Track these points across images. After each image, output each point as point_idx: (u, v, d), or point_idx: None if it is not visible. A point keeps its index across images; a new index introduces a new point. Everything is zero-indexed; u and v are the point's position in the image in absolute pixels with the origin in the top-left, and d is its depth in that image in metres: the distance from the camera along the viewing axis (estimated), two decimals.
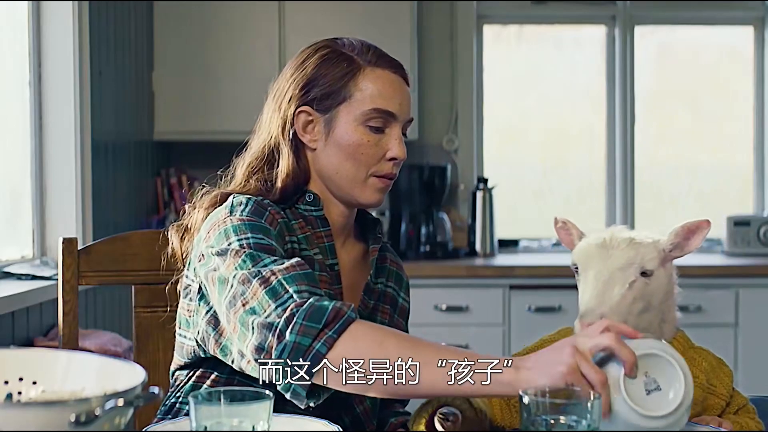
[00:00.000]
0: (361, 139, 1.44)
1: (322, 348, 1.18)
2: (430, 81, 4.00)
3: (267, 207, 1.40)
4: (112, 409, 0.84)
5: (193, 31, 3.65)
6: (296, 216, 1.47)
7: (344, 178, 1.46)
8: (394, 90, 1.46)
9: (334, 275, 1.46)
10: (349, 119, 1.44)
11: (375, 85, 1.45)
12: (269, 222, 1.38)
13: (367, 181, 1.46)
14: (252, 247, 1.32)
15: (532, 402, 1.05)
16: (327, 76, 1.45)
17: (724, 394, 1.37)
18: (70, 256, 1.69)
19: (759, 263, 3.58)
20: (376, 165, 1.45)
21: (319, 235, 1.47)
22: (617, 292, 1.28)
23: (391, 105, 1.44)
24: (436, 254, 3.76)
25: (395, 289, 1.58)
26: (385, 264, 1.58)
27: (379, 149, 1.45)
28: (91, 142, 2.91)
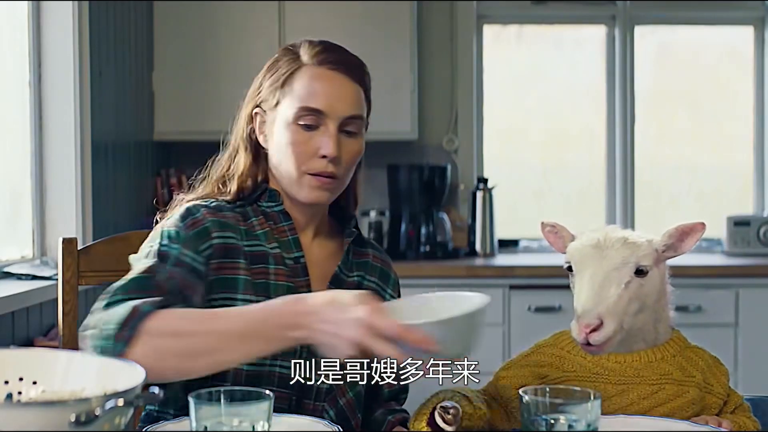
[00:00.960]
0: (292, 137, 1.46)
1: (120, 348, 1.21)
2: (430, 81, 4.00)
3: (190, 217, 1.44)
4: (112, 409, 0.84)
5: (193, 31, 3.65)
6: (257, 213, 1.51)
7: (283, 175, 1.50)
8: (325, 87, 1.46)
9: (299, 268, 1.48)
10: (283, 118, 1.48)
11: (306, 83, 1.46)
12: (192, 226, 1.43)
13: (302, 179, 1.47)
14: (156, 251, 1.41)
15: (532, 402, 1.05)
16: (272, 77, 1.50)
17: (721, 393, 1.37)
18: (70, 256, 1.69)
19: (759, 263, 3.58)
20: (308, 163, 1.46)
21: (281, 230, 1.50)
22: (613, 292, 1.28)
23: (318, 102, 1.45)
24: (436, 254, 3.76)
25: (380, 285, 1.59)
26: (366, 259, 1.59)
27: (310, 147, 1.46)
28: (91, 142, 2.91)
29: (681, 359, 1.35)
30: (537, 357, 1.39)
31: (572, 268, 1.34)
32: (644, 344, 1.35)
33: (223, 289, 1.43)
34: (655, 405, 1.31)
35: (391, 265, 1.64)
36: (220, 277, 1.43)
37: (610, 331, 1.27)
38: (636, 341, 1.35)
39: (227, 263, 1.43)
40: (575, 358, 1.35)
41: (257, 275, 1.44)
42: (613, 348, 1.31)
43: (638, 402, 1.31)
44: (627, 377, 1.33)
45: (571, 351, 1.36)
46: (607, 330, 1.27)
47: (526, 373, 1.37)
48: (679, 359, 1.35)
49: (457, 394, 1.28)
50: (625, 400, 1.32)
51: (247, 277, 1.43)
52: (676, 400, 1.32)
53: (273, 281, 1.45)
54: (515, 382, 1.37)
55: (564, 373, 1.35)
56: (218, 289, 1.42)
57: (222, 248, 1.43)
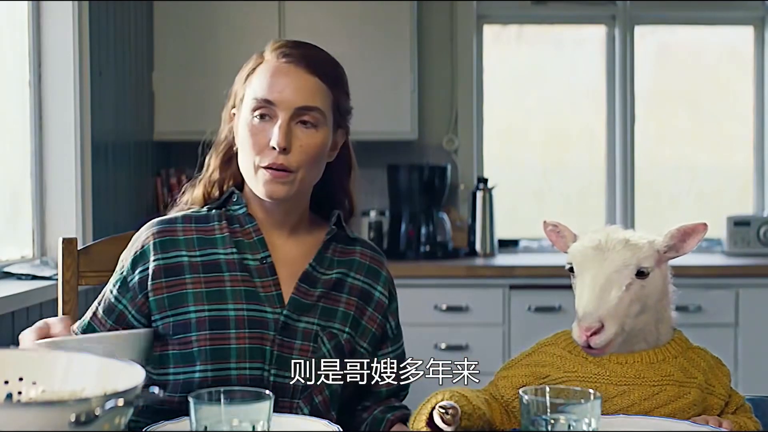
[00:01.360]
0: (247, 131, 1.48)
1: None
2: (430, 81, 4.00)
3: (138, 240, 1.52)
4: (112, 409, 0.84)
5: (193, 31, 3.65)
6: (222, 217, 1.53)
7: (244, 170, 1.51)
8: (277, 78, 1.48)
9: (265, 268, 1.49)
10: (243, 113, 1.50)
11: (262, 76, 1.49)
12: (131, 254, 1.51)
13: (257, 174, 1.48)
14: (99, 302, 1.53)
15: (532, 402, 1.05)
16: (239, 77, 1.55)
17: (722, 394, 1.37)
18: (70, 256, 1.69)
19: (759, 263, 3.58)
20: (261, 155, 1.47)
21: (247, 231, 1.52)
22: (614, 294, 1.28)
23: (269, 93, 1.47)
24: (436, 254, 3.76)
25: (368, 283, 1.57)
26: (352, 257, 1.57)
27: (263, 137, 1.47)
28: (91, 142, 2.91)
29: (683, 360, 1.35)
30: (538, 357, 1.39)
31: (573, 269, 1.34)
32: (646, 345, 1.35)
33: (173, 305, 1.46)
34: (657, 406, 1.31)
35: (382, 263, 1.62)
36: (165, 295, 1.47)
37: (611, 334, 1.27)
38: (637, 342, 1.35)
39: (170, 281, 1.47)
40: (576, 358, 1.35)
41: (209, 284, 1.47)
42: (614, 350, 1.31)
43: (639, 403, 1.31)
44: (628, 378, 1.32)
45: (573, 351, 1.36)
46: (608, 333, 1.27)
47: (527, 373, 1.37)
48: (680, 360, 1.35)
49: (456, 394, 1.28)
50: (627, 401, 1.31)
51: (197, 290, 1.46)
52: (677, 402, 1.32)
53: (229, 287, 1.47)
54: (515, 382, 1.36)
55: (565, 373, 1.35)
56: (167, 307, 1.46)
57: (161, 269, 1.47)
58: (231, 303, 1.46)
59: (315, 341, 1.48)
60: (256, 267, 1.49)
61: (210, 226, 1.52)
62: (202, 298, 1.46)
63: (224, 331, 1.44)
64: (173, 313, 1.46)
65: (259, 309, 1.47)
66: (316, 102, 1.48)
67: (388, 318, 1.59)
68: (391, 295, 1.61)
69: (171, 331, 1.46)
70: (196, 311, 1.45)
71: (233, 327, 1.44)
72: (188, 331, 1.45)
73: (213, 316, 1.45)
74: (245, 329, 1.45)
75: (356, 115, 1.55)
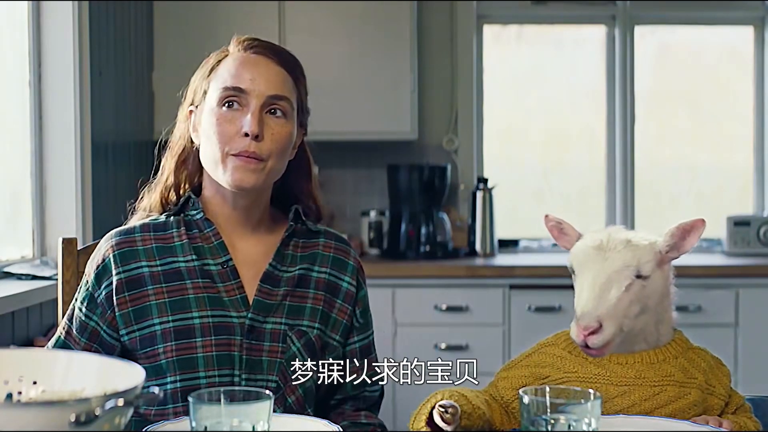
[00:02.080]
0: (215, 119, 1.46)
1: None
2: (430, 81, 4.00)
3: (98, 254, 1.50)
4: (112, 409, 0.84)
5: (193, 31, 3.65)
6: (180, 223, 1.52)
7: (208, 161, 1.49)
8: (246, 67, 1.48)
9: (227, 272, 1.48)
10: (208, 105, 1.49)
11: (228, 67, 1.49)
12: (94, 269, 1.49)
13: (226, 161, 1.46)
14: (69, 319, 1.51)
15: (532, 402, 1.05)
16: (201, 71, 1.54)
17: (723, 394, 1.37)
18: (70, 256, 1.69)
19: (759, 263, 3.58)
20: (231, 143, 1.45)
21: (207, 236, 1.51)
22: (614, 294, 1.28)
23: (240, 81, 1.46)
24: (436, 254, 3.76)
25: (334, 275, 1.56)
26: (314, 250, 1.56)
27: (232, 126, 1.45)
28: (91, 142, 2.90)
29: (683, 360, 1.35)
30: (538, 357, 1.38)
31: (574, 269, 1.34)
32: (646, 345, 1.35)
33: (138, 319, 1.46)
34: (657, 407, 1.31)
35: (348, 252, 1.59)
36: (129, 309, 1.46)
37: (609, 335, 1.27)
38: (637, 342, 1.35)
39: (133, 294, 1.46)
40: (576, 359, 1.35)
41: (171, 293, 1.46)
42: (613, 350, 1.31)
43: (640, 403, 1.31)
44: (628, 379, 1.32)
45: (572, 351, 1.36)
46: (606, 333, 1.27)
47: (527, 373, 1.37)
48: (681, 361, 1.35)
49: (455, 394, 1.28)
50: (627, 402, 1.31)
51: (160, 301, 1.45)
52: (677, 402, 1.32)
53: (192, 295, 1.46)
54: (515, 382, 1.36)
55: (565, 374, 1.34)
56: (133, 321, 1.46)
57: (123, 283, 1.46)
58: (195, 311, 1.45)
59: (284, 341, 1.47)
60: (218, 272, 1.48)
61: (168, 234, 1.51)
62: (166, 309, 1.45)
63: (190, 341, 1.43)
64: (138, 327, 1.45)
65: (224, 314, 1.46)
66: (284, 92, 1.48)
67: (355, 307, 1.58)
68: (359, 284, 1.59)
69: (138, 346, 1.45)
70: (161, 323, 1.44)
71: (199, 335, 1.43)
72: (155, 343, 1.44)
73: (178, 326, 1.44)
74: (211, 336, 1.44)
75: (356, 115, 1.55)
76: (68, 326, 1.50)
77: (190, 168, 1.55)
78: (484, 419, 1.28)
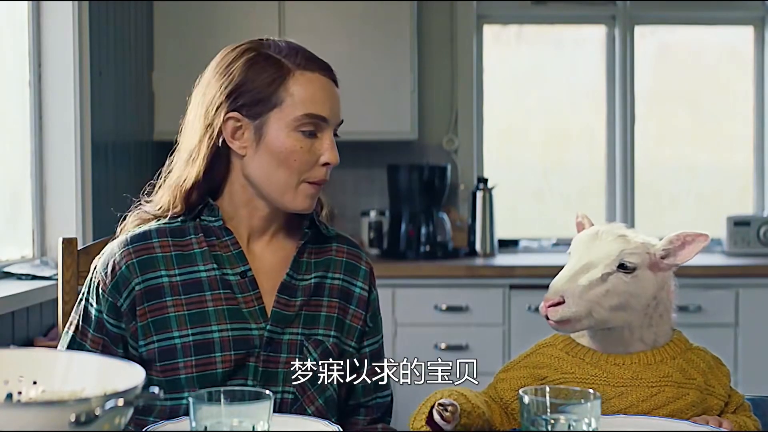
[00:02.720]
0: (294, 145, 1.42)
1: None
2: (430, 81, 4.00)
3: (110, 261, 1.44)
4: (112, 409, 0.84)
5: (193, 31, 3.65)
6: (198, 229, 1.47)
7: (275, 184, 1.44)
8: (325, 94, 1.44)
9: (246, 282, 1.45)
10: (280, 125, 1.42)
11: (306, 89, 1.42)
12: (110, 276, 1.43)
13: (298, 188, 1.44)
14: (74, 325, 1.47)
15: (532, 402, 1.05)
16: (256, 81, 1.43)
17: (722, 394, 1.37)
18: (70, 256, 1.69)
19: (759, 263, 3.58)
20: (309, 171, 1.44)
21: (225, 244, 1.47)
22: (586, 278, 1.29)
23: (323, 109, 1.43)
24: (436, 254, 3.76)
25: (347, 280, 1.54)
26: (328, 256, 1.53)
27: (312, 155, 1.43)
28: (91, 142, 2.90)
29: (681, 361, 1.35)
30: (536, 358, 1.39)
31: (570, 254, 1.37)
32: (643, 345, 1.35)
33: (157, 330, 1.41)
34: (655, 407, 1.31)
35: (360, 257, 1.57)
36: (149, 321, 1.42)
37: (570, 312, 1.28)
38: (632, 343, 1.34)
39: (152, 305, 1.42)
40: (574, 360, 1.35)
41: (190, 306, 1.42)
42: (577, 329, 1.32)
43: (637, 404, 1.31)
44: (626, 380, 1.32)
45: (570, 352, 1.36)
46: (566, 309, 1.28)
47: (525, 374, 1.37)
48: (679, 361, 1.35)
49: (455, 393, 1.28)
50: (624, 403, 1.31)
51: (179, 313, 1.41)
52: (676, 403, 1.32)
53: (211, 308, 1.42)
54: (514, 383, 1.36)
55: (563, 375, 1.35)
56: (152, 332, 1.42)
57: (143, 293, 1.42)
58: (215, 324, 1.41)
59: (300, 352, 1.45)
60: (237, 282, 1.45)
61: (187, 240, 1.46)
62: (186, 322, 1.41)
63: (210, 356, 1.40)
64: (157, 339, 1.41)
65: (244, 327, 1.43)
66: (341, 116, 1.49)
67: (371, 313, 1.57)
68: (370, 288, 1.57)
69: (156, 358, 1.41)
70: (180, 336, 1.41)
71: (218, 350, 1.41)
72: (174, 357, 1.41)
73: (198, 341, 1.41)
74: (231, 351, 1.41)
75: (356, 115, 1.55)
76: (103, 341, 1.44)
77: (220, 173, 1.47)
78: (484, 418, 1.28)
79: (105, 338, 1.44)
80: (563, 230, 4.01)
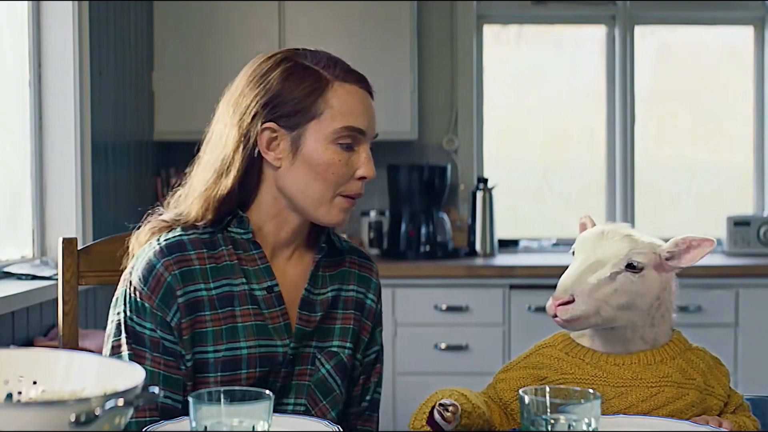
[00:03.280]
0: (333, 158, 1.39)
1: None
2: (430, 81, 4.00)
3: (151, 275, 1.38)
4: (112, 409, 0.84)
5: (193, 31, 3.65)
6: (227, 241, 1.43)
7: (310, 197, 1.41)
8: (363, 106, 1.42)
9: (272, 297, 1.42)
10: (318, 137, 1.39)
11: (345, 101, 1.40)
12: (155, 290, 1.37)
13: (333, 201, 1.41)
14: (124, 323, 1.39)
15: (532, 402, 1.05)
16: (294, 92, 1.39)
17: (722, 394, 1.37)
18: (70, 256, 1.69)
19: (759, 263, 3.58)
20: (345, 184, 1.41)
21: (251, 258, 1.43)
22: (595, 276, 1.29)
23: (361, 122, 1.41)
24: (436, 254, 3.76)
25: (361, 292, 1.53)
26: (342, 268, 1.52)
27: (348, 168, 1.41)
28: (91, 142, 2.91)
29: (681, 361, 1.35)
30: (536, 358, 1.39)
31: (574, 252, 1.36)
32: (643, 345, 1.35)
33: (194, 344, 1.39)
34: (654, 407, 1.31)
35: (372, 269, 1.57)
36: (189, 335, 1.38)
37: (580, 311, 1.28)
38: (633, 342, 1.34)
39: (195, 318, 1.38)
40: (574, 360, 1.35)
41: (225, 320, 1.39)
42: (584, 328, 1.32)
43: (637, 404, 1.31)
44: (625, 380, 1.32)
45: (570, 353, 1.36)
46: (576, 308, 1.28)
47: (525, 375, 1.37)
48: (678, 361, 1.35)
49: (455, 393, 1.28)
50: (624, 403, 1.31)
51: (216, 328, 1.39)
52: (675, 403, 1.32)
53: (240, 323, 1.40)
54: (514, 384, 1.36)
55: (562, 375, 1.35)
56: (191, 346, 1.39)
57: (186, 305, 1.38)
58: (243, 341, 1.39)
59: (313, 363, 1.45)
60: (263, 297, 1.42)
61: (219, 253, 1.42)
62: (221, 337, 1.39)
63: (235, 372, 1.39)
64: (193, 352, 1.39)
65: (269, 344, 1.41)
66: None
67: (377, 326, 1.56)
68: (378, 300, 1.57)
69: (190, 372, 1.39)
70: (214, 351, 1.38)
71: (245, 367, 1.39)
72: (205, 371, 1.39)
73: (227, 357, 1.39)
74: (256, 369, 1.40)
75: None
76: (163, 360, 1.38)
77: (252, 184, 1.43)
78: (484, 418, 1.28)
79: (164, 357, 1.38)
80: (563, 230, 4.01)
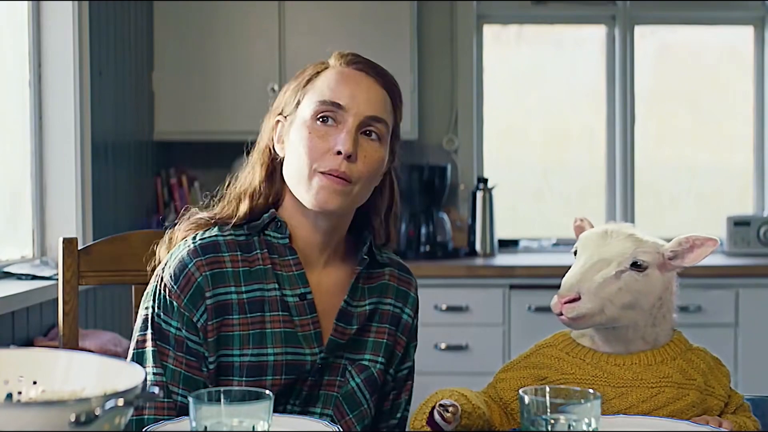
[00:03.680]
0: (307, 132, 1.37)
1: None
2: (430, 81, 4.00)
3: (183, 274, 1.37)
4: (112, 409, 0.84)
5: (193, 31, 3.65)
6: (263, 244, 1.41)
7: (293, 177, 1.39)
8: (348, 83, 1.39)
9: (305, 305, 1.40)
10: (302, 116, 1.39)
11: (330, 80, 1.39)
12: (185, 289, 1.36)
13: (312, 180, 1.36)
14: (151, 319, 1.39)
15: (532, 402, 1.05)
16: (297, 81, 1.43)
17: (722, 395, 1.37)
18: (70, 256, 1.68)
19: (759, 263, 3.58)
20: (321, 159, 1.35)
21: (287, 263, 1.41)
22: (601, 275, 1.29)
23: (339, 97, 1.37)
24: (436, 254, 3.76)
25: (399, 306, 1.51)
26: (381, 281, 1.50)
27: (325, 142, 1.36)
28: (91, 142, 2.91)
29: (681, 362, 1.35)
30: (536, 358, 1.39)
31: (576, 252, 1.36)
32: (644, 344, 1.35)
33: (220, 347, 1.38)
34: (655, 408, 1.31)
35: (411, 283, 1.54)
36: (215, 337, 1.37)
37: (585, 309, 1.28)
38: (634, 342, 1.35)
39: (220, 321, 1.37)
40: (574, 360, 1.35)
41: (253, 325, 1.38)
42: (588, 326, 1.32)
43: (637, 405, 1.31)
44: (626, 380, 1.32)
45: (570, 353, 1.36)
46: (582, 306, 1.28)
47: (525, 375, 1.37)
48: (679, 362, 1.35)
49: (456, 393, 1.28)
50: (624, 403, 1.31)
51: (243, 332, 1.37)
52: (675, 403, 1.32)
53: (269, 329, 1.38)
54: (514, 384, 1.37)
55: (563, 375, 1.35)
56: (215, 349, 1.37)
57: (214, 307, 1.37)
58: (270, 347, 1.38)
59: (342, 375, 1.43)
60: (295, 304, 1.40)
61: (253, 256, 1.40)
62: (248, 342, 1.37)
63: (260, 378, 1.37)
64: (218, 355, 1.37)
65: (298, 352, 1.39)
66: (382, 113, 1.40)
67: (411, 341, 1.55)
68: (415, 315, 1.55)
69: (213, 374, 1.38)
70: (240, 355, 1.37)
71: (270, 373, 1.37)
72: (229, 375, 1.37)
73: (253, 362, 1.37)
74: (282, 376, 1.38)
75: None
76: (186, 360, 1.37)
77: (276, 183, 1.44)
78: (484, 419, 1.28)
79: (187, 357, 1.37)
80: (563, 230, 4.01)
